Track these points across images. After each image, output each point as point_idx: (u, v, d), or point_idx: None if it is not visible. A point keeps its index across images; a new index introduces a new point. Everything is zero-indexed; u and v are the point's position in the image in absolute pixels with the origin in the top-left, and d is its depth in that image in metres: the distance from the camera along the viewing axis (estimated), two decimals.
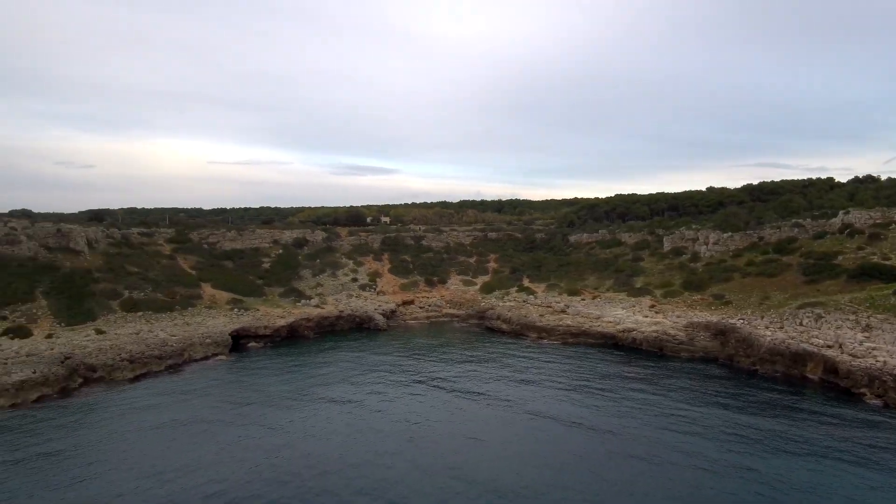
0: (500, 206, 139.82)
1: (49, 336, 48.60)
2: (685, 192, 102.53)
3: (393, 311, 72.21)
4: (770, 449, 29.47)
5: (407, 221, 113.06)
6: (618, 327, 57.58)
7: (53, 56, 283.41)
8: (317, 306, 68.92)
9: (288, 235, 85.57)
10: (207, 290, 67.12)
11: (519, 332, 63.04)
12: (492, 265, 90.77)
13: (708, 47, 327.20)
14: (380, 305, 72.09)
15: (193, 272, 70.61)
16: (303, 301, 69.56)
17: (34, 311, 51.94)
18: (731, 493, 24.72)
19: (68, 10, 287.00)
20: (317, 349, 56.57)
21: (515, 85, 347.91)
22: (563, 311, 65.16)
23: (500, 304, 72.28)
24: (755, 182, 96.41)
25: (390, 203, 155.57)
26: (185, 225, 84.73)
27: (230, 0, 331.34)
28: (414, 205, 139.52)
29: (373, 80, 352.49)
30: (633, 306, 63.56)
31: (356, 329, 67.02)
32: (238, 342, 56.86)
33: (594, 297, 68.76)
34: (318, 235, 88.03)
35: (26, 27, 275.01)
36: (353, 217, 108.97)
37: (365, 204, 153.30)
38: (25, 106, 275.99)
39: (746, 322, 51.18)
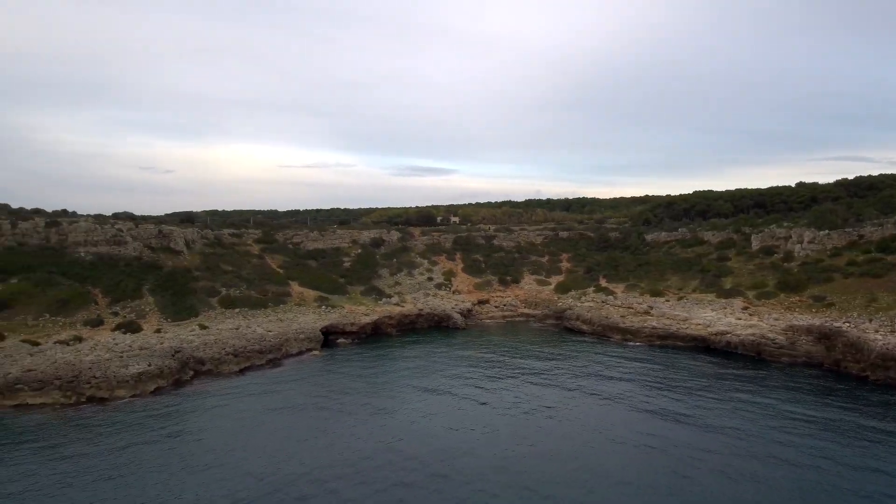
0: (567, 205, 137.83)
1: (158, 331, 52.26)
2: (772, 188, 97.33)
3: (469, 311, 72.81)
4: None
5: (475, 221, 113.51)
6: (709, 330, 55.59)
7: (138, 68, 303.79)
8: (397, 304, 70.52)
9: (366, 235, 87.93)
10: (296, 288, 70.08)
11: (601, 333, 62.04)
12: (565, 265, 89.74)
13: (782, 35, 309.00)
14: (456, 304, 72.86)
15: (281, 271, 73.93)
16: (384, 299, 71.35)
17: (142, 307, 55.99)
18: (865, 496, 23.54)
19: (151, 25, 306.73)
20: (403, 346, 57.93)
21: (577, 81, 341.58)
22: (646, 313, 63.54)
23: (578, 304, 71.33)
24: (850, 177, 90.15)
25: (452, 203, 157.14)
26: (270, 226, 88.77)
27: (297, 9, 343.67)
28: (480, 204, 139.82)
29: (432, 81, 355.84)
30: (724, 308, 61.10)
31: (435, 327, 68.11)
32: (327, 338, 59.01)
33: (679, 298, 66.60)
34: (394, 235, 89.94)
35: (113, 41, 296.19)
36: (424, 217, 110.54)
37: (428, 204, 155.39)
38: (112, 115, 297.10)
39: (853, 325, 48.13)
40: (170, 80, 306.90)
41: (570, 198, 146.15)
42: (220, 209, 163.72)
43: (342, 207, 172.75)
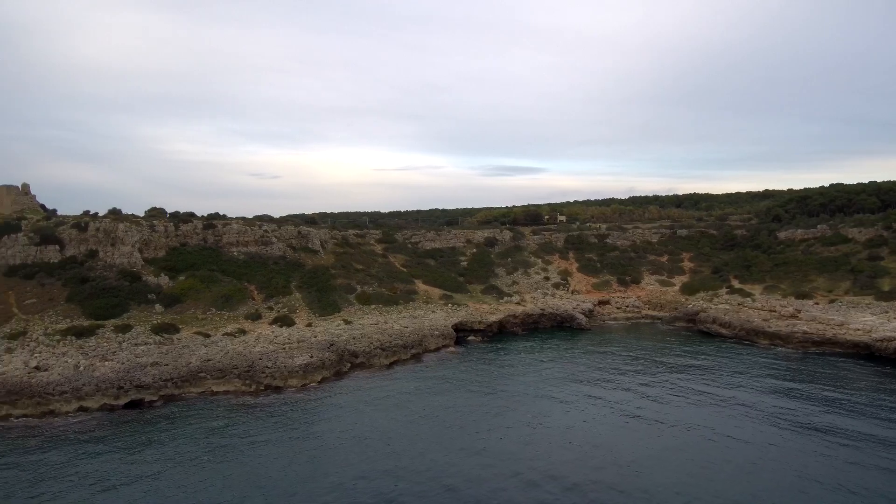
0: (678, 202, 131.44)
1: (309, 325, 55.95)
2: None
3: (591, 311, 71.51)
4: None
5: (583, 219, 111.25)
6: (872, 335, 50.85)
7: (247, 82, 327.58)
8: (518, 304, 70.73)
9: (479, 235, 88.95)
10: (420, 285, 72.32)
11: (743, 337, 58.61)
12: (687, 264, 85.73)
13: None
14: (578, 305, 71.79)
15: (405, 269, 76.57)
16: (505, 298, 71.87)
17: (292, 302, 60.14)
18: None
19: (259, 41, 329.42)
20: (533, 346, 58.00)
21: (672, 72, 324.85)
22: (793, 316, 59.26)
23: (712, 306, 67.85)
24: None
25: (543, 202, 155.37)
26: (388, 227, 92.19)
27: (387, 17, 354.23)
28: (588, 202, 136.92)
29: (520, 79, 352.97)
30: (886, 312, 55.76)
31: (557, 327, 67.57)
32: (458, 335, 60.33)
33: (830, 301, 61.48)
34: (506, 235, 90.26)
35: (226, 57, 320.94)
36: (531, 216, 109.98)
37: (518, 204, 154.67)
38: (226, 126, 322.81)
39: None
40: (276, 92, 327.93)
41: (682, 193, 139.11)
42: (321, 211, 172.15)
43: (440, 208, 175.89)
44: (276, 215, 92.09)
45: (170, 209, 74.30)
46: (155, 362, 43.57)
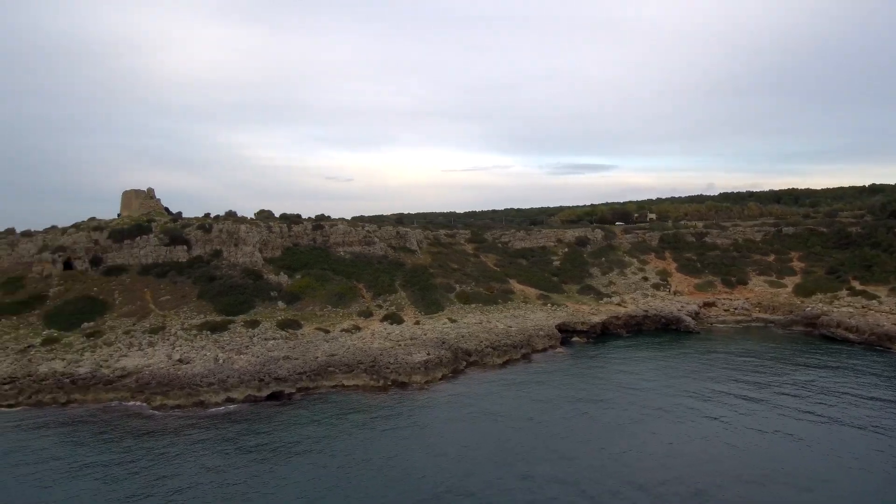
0: (776, 197, 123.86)
1: (417, 323, 56.98)
2: None
3: (696, 313, 68.64)
4: None
5: (676, 217, 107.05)
6: None
7: (324, 89, 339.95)
8: (619, 305, 68.99)
9: (570, 235, 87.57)
10: (515, 285, 72.04)
11: (874, 342, 54.41)
12: (797, 264, 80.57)
13: None
14: (682, 306, 69.10)
15: (498, 269, 76.53)
16: (605, 299, 70.33)
17: (398, 301, 61.48)
18: None
19: (333, 50, 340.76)
20: (642, 348, 56.39)
21: (754, 61, 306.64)
22: None
23: (833, 309, 63.40)
24: None
25: (613, 200, 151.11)
26: (477, 226, 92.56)
27: (454, 19, 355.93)
28: (678, 199, 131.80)
29: (588, 75, 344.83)
30: None
31: (662, 329, 65.31)
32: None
33: None
34: (598, 234, 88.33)
35: (304, 66, 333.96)
36: (619, 215, 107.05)
37: (588, 203, 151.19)
38: (304, 132, 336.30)
39: None
40: (349, 97, 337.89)
41: (779, 189, 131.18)
42: (397, 213, 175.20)
43: (513, 208, 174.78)
44: (349, 216, 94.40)
45: (248, 212, 77.22)
46: (286, 356, 45.83)
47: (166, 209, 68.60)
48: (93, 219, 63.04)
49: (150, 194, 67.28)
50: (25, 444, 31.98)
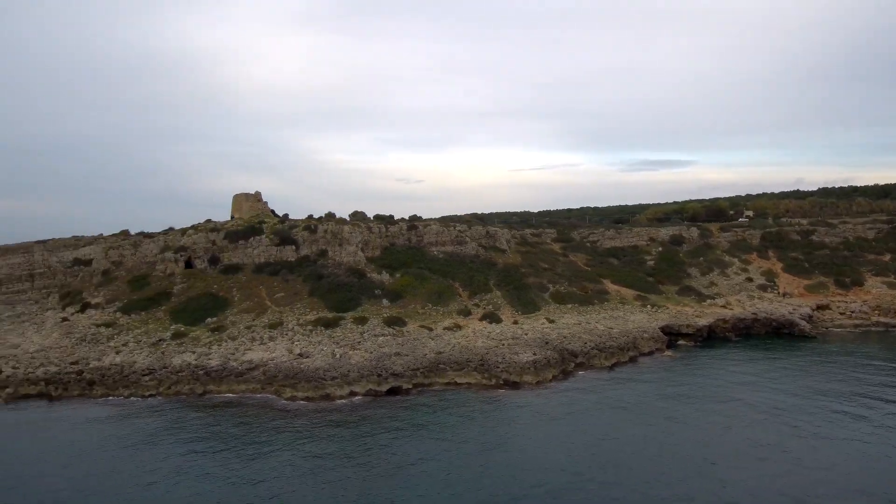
0: (884, 192, 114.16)
1: (515, 322, 56.89)
2: None
3: (810, 316, 64.40)
4: None
5: (776, 214, 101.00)
6: None
7: (395, 93, 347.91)
8: (724, 307, 65.87)
9: (664, 233, 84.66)
10: (609, 285, 70.41)
11: None
12: None
13: None
14: (794, 309, 65.05)
15: (589, 268, 75.11)
16: (708, 300, 67.46)
17: (495, 300, 61.62)
18: None
19: (405, 54, 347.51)
20: (755, 353, 53.63)
21: (845, 49, 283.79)
22: None
23: None
24: None
25: (687, 197, 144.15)
26: (562, 225, 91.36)
27: (522, 16, 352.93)
28: (775, 195, 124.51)
29: (665, 68, 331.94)
30: None
31: (773, 333, 61.78)
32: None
33: None
34: (693, 232, 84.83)
35: (376, 71, 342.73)
36: (713, 212, 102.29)
37: (662, 201, 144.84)
38: (375, 135, 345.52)
39: None
40: (420, 100, 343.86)
41: (885, 184, 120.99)
42: (471, 212, 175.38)
43: (592, 206, 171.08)
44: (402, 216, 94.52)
45: (318, 213, 78.75)
46: (397, 353, 47.05)
47: (272, 211, 72.24)
48: (209, 221, 67.41)
49: (258, 197, 71.11)
50: (189, 427, 34.57)
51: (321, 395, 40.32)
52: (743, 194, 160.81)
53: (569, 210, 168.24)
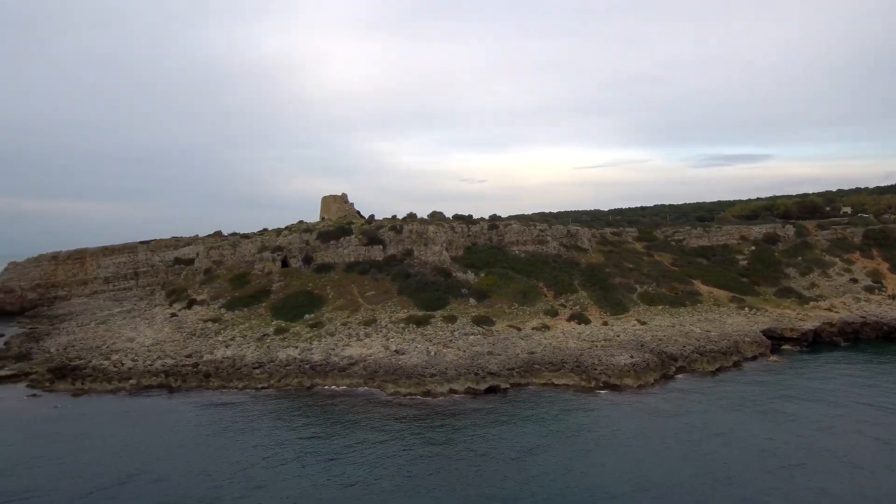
0: None
1: (605, 324, 55.71)
2: None
3: None
4: None
5: (876, 211, 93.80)
6: None
7: (458, 93, 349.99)
8: (828, 309, 61.88)
9: (756, 231, 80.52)
10: (700, 286, 67.65)
11: None
12: None
13: None
14: None
15: (676, 268, 72.50)
16: (811, 302, 63.57)
17: (581, 300, 60.61)
18: None
19: (468, 55, 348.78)
20: (872, 361, 49.99)
21: None
22: None
23: None
24: None
25: (764, 194, 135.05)
26: (644, 224, 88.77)
27: (590, 10, 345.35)
28: (872, 190, 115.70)
29: (741, 57, 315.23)
30: None
31: (884, 339, 57.54)
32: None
33: None
34: (789, 230, 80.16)
35: (440, 74, 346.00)
36: (806, 209, 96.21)
37: (736, 198, 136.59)
38: (438, 136, 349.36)
39: None
40: (483, 100, 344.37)
41: None
42: (538, 211, 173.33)
43: (668, 204, 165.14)
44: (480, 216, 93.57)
45: (383, 214, 79.62)
46: (490, 352, 47.25)
47: (357, 212, 74.35)
48: (301, 222, 70.28)
49: (344, 199, 73.44)
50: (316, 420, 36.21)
51: (422, 392, 41.05)
52: (833, 189, 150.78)
53: (642, 208, 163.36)
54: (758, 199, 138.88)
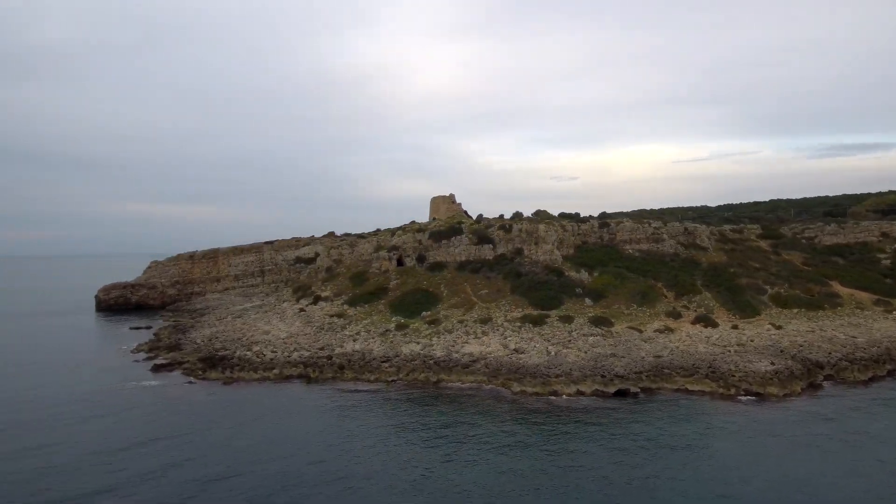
0: None
1: (735, 327, 52.56)
2: None
3: None
4: None
5: None
6: None
7: (546, 92, 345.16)
8: None
9: None
10: (838, 287, 62.09)
11: None
12: None
13: None
14: None
15: (808, 268, 67.01)
16: None
17: (705, 302, 57.62)
18: None
19: (557, 51, 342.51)
20: None
21: None
22: None
23: None
24: None
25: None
26: (768, 220, 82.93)
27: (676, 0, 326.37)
28: None
29: (861, 39, 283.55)
30: None
31: None
32: None
33: None
34: None
35: (527, 72, 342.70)
36: None
37: (864, 191, 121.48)
38: (527, 135, 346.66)
39: None
40: (574, 95, 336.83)
41: None
42: (616, 210, 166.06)
43: (784, 198, 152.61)
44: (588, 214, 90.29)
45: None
46: (612, 354, 46.26)
47: (465, 212, 75.63)
48: (413, 222, 72.66)
49: (452, 199, 74.97)
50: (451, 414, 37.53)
51: (549, 392, 40.98)
52: None
53: (756, 203, 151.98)
54: (889, 192, 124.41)
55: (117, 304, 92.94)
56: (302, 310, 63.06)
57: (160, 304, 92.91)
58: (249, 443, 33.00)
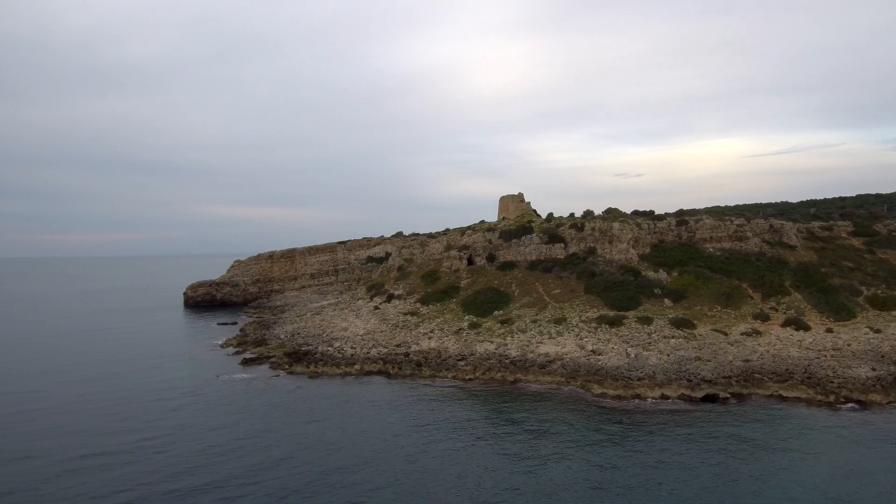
0: None
1: (829, 330, 49.55)
2: None
3: None
4: None
5: None
6: None
7: (609, 87, 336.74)
8: None
9: None
10: None
11: None
12: None
13: None
14: None
15: None
16: None
17: (795, 303, 54.58)
18: None
19: (630, 42, 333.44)
20: None
21: None
22: None
23: None
24: None
25: None
26: (860, 217, 77.43)
27: None
28: None
29: None
30: None
31: None
32: None
33: None
34: None
35: (595, 66, 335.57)
36: None
37: None
38: (590, 132, 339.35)
39: None
40: (643, 90, 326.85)
41: None
42: (709, 206, 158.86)
43: (874, 193, 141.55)
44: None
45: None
46: (697, 357, 44.77)
47: (534, 211, 75.25)
48: (482, 222, 73.14)
49: (521, 198, 74.79)
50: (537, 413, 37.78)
51: (632, 395, 40.23)
52: None
53: (841, 198, 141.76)
54: None
55: (203, 300, 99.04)
56: (376, 308, 64.88)
57: (242, 300, 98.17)
58: (352, 439, 34.34)
